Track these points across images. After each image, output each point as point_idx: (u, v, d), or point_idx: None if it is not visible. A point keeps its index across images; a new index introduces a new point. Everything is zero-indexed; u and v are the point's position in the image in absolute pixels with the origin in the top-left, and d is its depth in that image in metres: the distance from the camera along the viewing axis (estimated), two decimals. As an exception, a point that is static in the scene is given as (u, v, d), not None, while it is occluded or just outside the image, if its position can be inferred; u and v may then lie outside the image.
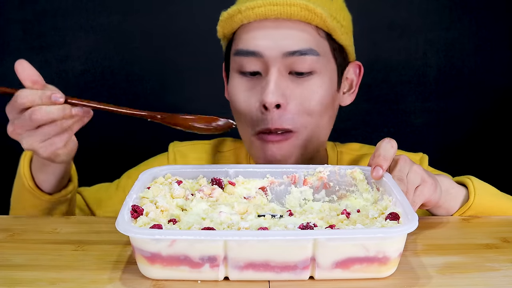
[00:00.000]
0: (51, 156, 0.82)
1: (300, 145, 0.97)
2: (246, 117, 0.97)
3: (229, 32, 1.00)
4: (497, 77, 1.57)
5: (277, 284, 0.64)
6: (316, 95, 0.95)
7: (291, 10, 0.93)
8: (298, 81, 0.95)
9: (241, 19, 0.96)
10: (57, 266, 0.69)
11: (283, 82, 0.94)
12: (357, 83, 1.06)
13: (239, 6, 0.95)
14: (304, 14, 0.94)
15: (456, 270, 0.68)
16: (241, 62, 0.96)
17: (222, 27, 1.00)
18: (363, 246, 0.63)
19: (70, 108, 0.78)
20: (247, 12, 0.94)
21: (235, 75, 0.99)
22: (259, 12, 0.94)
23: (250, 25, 0.96)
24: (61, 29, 1.54)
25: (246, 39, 0.96)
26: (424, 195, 0.79)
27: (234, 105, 0.99)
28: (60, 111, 0.77)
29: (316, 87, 0.95)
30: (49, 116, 0.77)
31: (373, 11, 1.54)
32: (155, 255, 0.63)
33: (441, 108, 1.59)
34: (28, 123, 0.77)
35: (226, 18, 0.98)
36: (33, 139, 0.79)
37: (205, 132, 0.82)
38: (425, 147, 1.58)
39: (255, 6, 0.94)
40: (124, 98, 1.56)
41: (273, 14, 0.94)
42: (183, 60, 1.56)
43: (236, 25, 0.98)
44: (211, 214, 0.71)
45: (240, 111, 0.98)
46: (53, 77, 1.55)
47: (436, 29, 1.55)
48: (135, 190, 0.74)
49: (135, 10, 1.54)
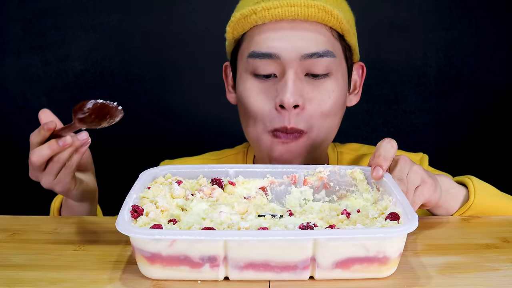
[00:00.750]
0: (65, 192, 0.88)
1: (308, 146, 0.96)
2: (259, 117, 0.95)
3: (239, 33, 0.98)
4: (497, 77, 1.57)
5: (277, 284, 0.64)
6: (332, 97, 0.95)
7: (309, 11, 0.92)
8: (315, 83, 0.94)
9: (256, 20, 0.93)
10: (57, 266, 0.69)
11: (300, 84, 0.93)
12: (360, 84, 1.06)
13: (254, 7, 0.93)
14: (322, 15, 0.92)
15: (456, 270, 0.68)
16: (255, 64, 0.94)
17: (232, 28, 0.98)
18: (363, 246, 0.63)
19: (56, 142, 0.80)
20: (262, 13, 0.92)
21: (247, 77, 0.96)
22: (275, 13, 0.92)
23: (264, 26, 0.94)
24: (61, 28, 1.53)
25: (261, 40, 0.94)
26: (424, 195, 0.79)
27: (246, 107, 0.97)
28: (48, 148, 0.80)
29: (332, 89, 0.95)
30: (41, 154, 0.81)
31: (374, 11, 1.53)
32: (155, 255, 0.63)
33: (441, 108, 1.59)
34: (33, 166, 0.82)
35: (239, 19, 0.95)
36: (46, 178, 0.84)
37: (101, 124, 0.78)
38: (425, 147, 1.58)
39: (271, 7, 0.92)
40: (124, 98, 1.55)
41: (290, 15, 0.92)
42: (183, 60, 1.56)
43: (248, 26, 0.95)
44: (211, 214, 0.71)
45: (253, 111, 0.96)
46: (53, 77, 1.55)
47: (436, 29, 1.55)
48: (135, 190, 0.74)
49: (135, 10, 1.54)
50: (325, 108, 0.94)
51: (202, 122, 1.58)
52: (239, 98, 0.99)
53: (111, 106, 0.75)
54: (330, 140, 1.01)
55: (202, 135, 1.59)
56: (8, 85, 1.54)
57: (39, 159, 0.81)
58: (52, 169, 0.83)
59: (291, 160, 0.96)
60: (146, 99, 1.57)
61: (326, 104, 0.94)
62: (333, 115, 0.96)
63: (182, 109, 1.58)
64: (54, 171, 0.83)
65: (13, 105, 1.55)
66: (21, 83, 1.54)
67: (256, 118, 0.96)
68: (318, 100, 0.94)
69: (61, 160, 0.82)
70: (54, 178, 0.84)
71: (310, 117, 0.94)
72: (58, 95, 1.55)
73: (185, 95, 1.58)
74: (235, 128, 1.09)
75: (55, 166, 0.82)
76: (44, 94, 1.55)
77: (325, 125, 0.96)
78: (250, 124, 0.98)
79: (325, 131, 0.97)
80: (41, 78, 1.54)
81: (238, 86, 0.99)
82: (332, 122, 0.97)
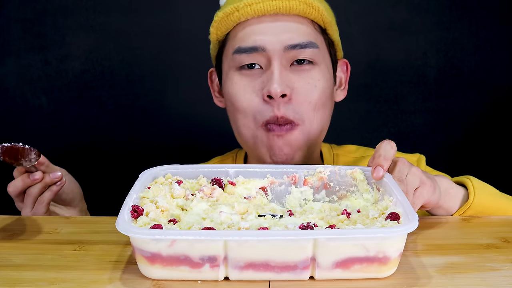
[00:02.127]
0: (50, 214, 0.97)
1: (305, 139, 0.97)
2: (249, 112, 0.96)
3: (222, 34, 1.00)
4: (497, 77, 1.57)
5: (277, 284, 0.64)
6: (318, 86, 0.96)
7: (290, 4, 0.94)
8: (300, 72, 0.95)
9: (239, 17, 0.95)
10: (57, 266, 0.69)
11: (286, 74, 0.94)
12: (346, 80, 1.08)
13: (236, 5, 0.95)
14: (303, 8, 0.94)
15: (456, 270, 0.68)
16: (241, 59, 0.96)
17: (216, 28, 0.99)
18: (363, 246, 0.63)
19: (27, 176, 0.90)
20: (245, 9, 0.94)
21: (233, 74, 0.98)
22: (257, 8, 0.94)
23: (247, 23, 0.96)
24: (61, 28, 1.53)
25: (245, 35, 0.95)
26: (424, 196, 0.79)
27: (235, 103, 0.98)
28: (20, 180, 0.91)
29: (317, 77, 0.96)
30: (15, 185, 0.91)
31: (373, 11, 1.53)
32: (155, 255, 0.63)
33: (441, 108, 1.59)
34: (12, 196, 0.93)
35: (221, 18, 0.97)
36: (24, 210, 0.93)
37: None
38: (425, 147, 1.58)
39: (253, 2, 0.94)
40: (124, 98, 1.55)
41: (272, 9, 0.94)
42: (183, 60, 1.56)
43: (232, 24, 0.97)
44: (211, 214, 0.71)
45: (242, 107, 0.97)
46: (53, 77, 1.55)
47: (436, 29, 1.55)
48: (135, 190, 0.74)
49: (135, 10, 1.54)
50: (312, 98, 0.95)
51: (202, 122, 1.58)
52: (227, 98, 1.00)
53: (22, 148, 0.79)
54: (324, 134, 1.02)
55: (202, 135, 1.59)
56: (8, 85, 1.54)
57: (14, 189, 0.91)
58: (27, 201, 0.92)
59: (293, 155, 0.97)
60: (146, 99, 1.56)
61: (313, 93, 0.96)
62: (322, 106, 0.97)
63: (182, 109, 1.58)
64: (29, 204, 0.92)
65: (13, 105, 1.55)
66: (21, 83, 1.54)
67: (246, 113, 0.97)
68: (305, 89, 0.95)
69: (32, 194, 0.91)
70: (30, 210, 0.92)
71: (299, 107, 0.95)
72: (58, 95, 1.55)
73: (185, 95, 1.58)
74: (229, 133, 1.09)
75: (28, 199, 0.92)
76: (44, 94, 1.55)
77: (316, 118, 0.97)
78: (240, 123, 0.98)
79: (317, 123, 0.98)
80: (41, 78, 1.54)
81: (225, 86, 1.00)
82: (323, 114, 0.98)
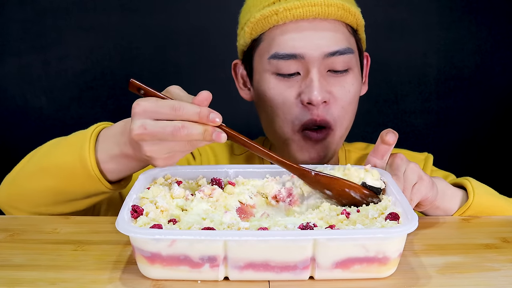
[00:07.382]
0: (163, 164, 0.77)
1: (337, 142, 0.99)
2: (288, 117, 0.97)
3: (257, 34, 0.99)
4: (497, 77, 1.57)
5: (277, 284, 0.64)
6: (352, 90, 0.98)
7: (329, 10, 0.95)
8: (336, 78, 0.97)
9: (277, 21, 0.95)
10: (57, 266, 0.69)
11: (324, 80, 0.96)
12: (366, 74, 1.09)
13: (274, 8, 0.95)
14: (341, 13, 0.96)
15: (456, 270, 0.68)
16: (279, 65, 0.96)
17: (251, 28, 0.99)
18: (363, 246, 0.63)
19: (211, 134, 0.72)
20: (284, 13, 0.94)
21: (269, 77, 0.98)
22: (297, 13, 0.94)
23: (284, 26, 0.96)
24: (61, 28, 1.54)
25: (284, 42, 0.95)
26: (421, 192, 0.80)
27: (272, 106, 0.98)
28: (201, 135, 0.72)
29: (351, 83, 0.98)
30: (191, 136, 0.71)
31: (373, 11, 1.53)
32: (155, 255, 0.63)
33: (441, 108, 1.59)
34: (165, 135, 0.72)
35: (259, 19, 0.97)
36: (158, 148, 0.74)
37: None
38: (425, 147, 1.58)
39: (293, 7, 0.94)
40: (124, 98, 1.55)
41: (311, 14, 0.94)
42: (183, 60, 1.56)
43: (268, 26, 0.97)
44: (211, 214, 0.71)
45: (281, 112, 0.97)
46: (53, 77, 1.55)
47: (436, 29, 1.55)
48: (135, 190, 0.73)
49: (135, 10, 1.54)
50: (345, 102, 0.98)
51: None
52: (261, 98, 1.00)
53: None
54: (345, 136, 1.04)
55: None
56: (8, 85, 1.54)
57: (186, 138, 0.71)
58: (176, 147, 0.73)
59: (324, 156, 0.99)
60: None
61: (346, 98, 0.97)
62: (352, 109, 1.00)
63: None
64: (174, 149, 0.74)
65: (13, 105, 1.55)
66: (21, 83, 1.54)
67: (284, 118, 0.97)
68: (340, 94, 0.97)
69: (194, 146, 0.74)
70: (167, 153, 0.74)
71: (333, 110, 0.97)
72: (58, 95, 1.55)
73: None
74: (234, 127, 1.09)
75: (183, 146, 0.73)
76: (44, 94, 1.55)
77: (346, 120, 0.99)
78: (277, 126, 0.99)
79: (347, 124, 1.00)
80: (41, 78, 1.54)
81: (258, 85, 1.01)
82: (352, 115, 1.01)
